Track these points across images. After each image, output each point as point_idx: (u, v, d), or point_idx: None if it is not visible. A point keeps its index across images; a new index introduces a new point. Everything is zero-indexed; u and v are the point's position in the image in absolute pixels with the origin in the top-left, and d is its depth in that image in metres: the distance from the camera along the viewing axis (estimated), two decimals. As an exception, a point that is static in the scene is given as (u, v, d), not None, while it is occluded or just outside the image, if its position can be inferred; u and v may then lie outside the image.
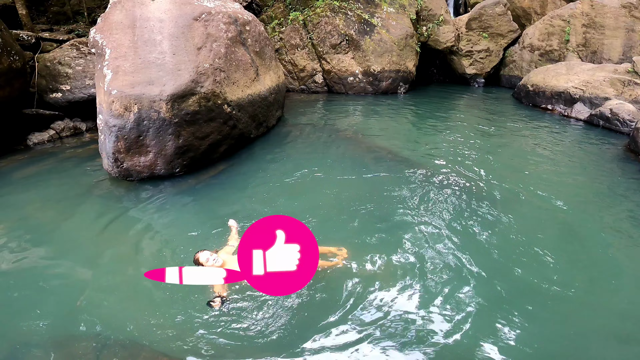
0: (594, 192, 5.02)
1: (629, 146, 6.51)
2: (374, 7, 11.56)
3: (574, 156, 6.28)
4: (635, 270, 3.46)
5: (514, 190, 4.95)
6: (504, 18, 13.04)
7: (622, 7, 10.21)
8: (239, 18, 6.66)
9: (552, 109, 9.40)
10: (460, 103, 10.87)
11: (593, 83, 8.60)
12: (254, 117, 6.67)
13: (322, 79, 11.70)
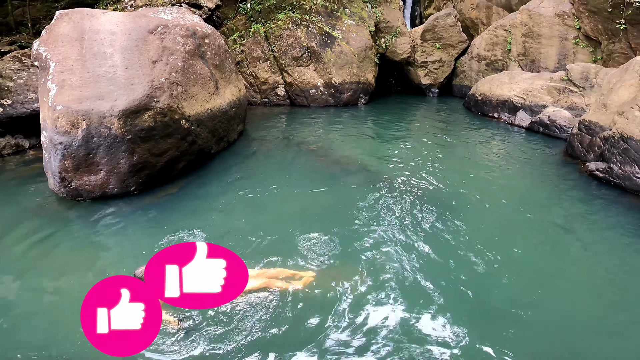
0: (536, 196, 5.35)
1: (567, 151, 7.00)
2: (334, 20, 11.78)
3: (518, 163, 6.68)
4: (575, 271, 3.69)
5: (468, 197, 5.17)
6: (455, 29, 13.75)
7: (556, 16, 10.96)
8: (197, 31, 6.55)
9: (498, 117, 9.96)
10: (417, 113, 11.32)
11: (532, 91, 9.23)
12: (214, 132, 6.51)
13: (284, 92, 11.69)
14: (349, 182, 5.65)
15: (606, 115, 6.10)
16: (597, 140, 6.02)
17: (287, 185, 5.56)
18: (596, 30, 10.12)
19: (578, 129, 6.67)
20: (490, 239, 4.16)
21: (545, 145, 7.68)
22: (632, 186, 5.36)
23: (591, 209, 5.01)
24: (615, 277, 3.64)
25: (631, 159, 5.38)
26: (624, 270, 3.74)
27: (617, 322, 3.08)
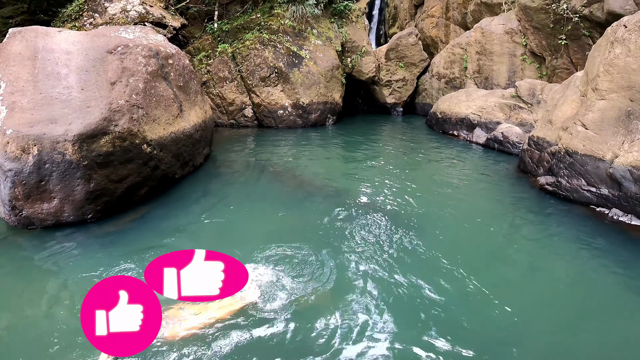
0: (492, 212, 5.62)
1: (519, 166, 7.42)
2: (302, 40, 12.02)
3: (476, 180, 7.02)
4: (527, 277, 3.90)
5: (431, 214, 5.36)
6: (416, 48, 14.44)
7: (506, 34, 11.69)
8: (160, 51, 6.44)
9: (457, 135, 10.42)
10: (383, 133, 11.65)
11: (487, 108, 9.74)
12: (178, 156, 6.37)
13: (252, 113, 11.67)
14: (316, 204, 5.70)
15: (552, 131, 6.58)
16: (546, 156, 6.46)
17: (255, 209, 5.52)
18: (540, 46, 10.90)
19: (528, 144, 7.13)
20: (451, 254, 4.31)
21: (500, 161, 8.14)
22: (580, 198, 5.77)
23: (542, 222, 5.32)
24: (568, 280, 3.90)
25: (577, 173, 5.81)
26: (575, 275, 4.00)
27: (572, 326, 3.27)
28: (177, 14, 11.41)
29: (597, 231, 4.97)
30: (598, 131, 5.60)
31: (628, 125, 5.35)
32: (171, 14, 10.76)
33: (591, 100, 5.77)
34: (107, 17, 9.36)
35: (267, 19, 12.00)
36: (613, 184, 5.39)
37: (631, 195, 5.17)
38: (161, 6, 10.68)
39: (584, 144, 5.72)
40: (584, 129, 5.76)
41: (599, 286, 3.85)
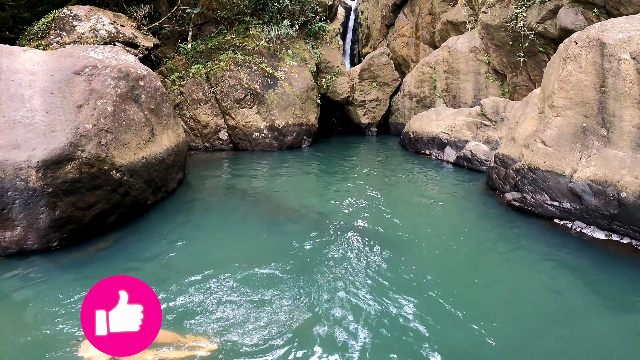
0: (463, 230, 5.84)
1: (487, 183, 7.75)
2: (277, 61, 12.14)
3: (447, 198, 7.28)
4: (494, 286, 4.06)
5: (406, 235, 5.51)
6: (389, 67, 14.95)
7: (470, 52, 12.24)
8: (131, 72, 6.35)
9: (429, 154, 10.77)
10: (358, 154, 11.88)
11: (456, 127, 10.16)
12: (150, 182, 6.25)
13: (227, 136, 11.59)
14: (294, 227, 5.72)
15: (515, 148, 6.96)
16: (511, 172, 6.80)
17: (230, 235, 5.49)
18: (502, 64, 11.53)
19: (494, 162, 7.50)
20: (425, 273, 4.43)
21: (470, 179, 8.50)
22: (544, 212, 6.09)
23: (510, 238, 5.57)
24: (534, 292, 4.09)
25: (540, 188, 6.14)
26: (540, 287, 4.19)
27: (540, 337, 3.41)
28: (150, 33, 11.36)
29: (561, 244, 5.25)
30: (556, 147, 5.99)
31: (584, 141, 5.76)
32: (143, 34, 10.70)
33: (548, 117, 6.17)
34: (75, 36, 9.16)
35: (242, 40, 12.14)
36: (574, 197, 5.73)
37: (592, 208, 5.51)
38: (133, 26, 10.60)
39: (545, 160, 6.09)
40: (543, 146, 6.13)
41: (565, 295, 4.06)
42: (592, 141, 5.68)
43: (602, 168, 5.45)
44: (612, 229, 5.37)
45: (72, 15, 9.34)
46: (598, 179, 5.44)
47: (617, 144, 5.42)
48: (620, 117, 5.37)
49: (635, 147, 5.27)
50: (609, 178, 5.35)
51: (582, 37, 5.93)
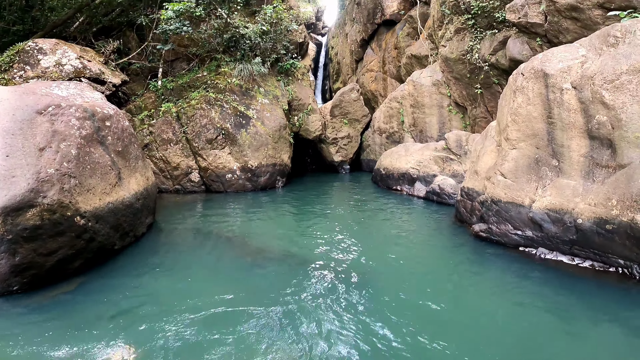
0: (434, 262, 6.13)
1: (456, 216, 8.14)
2: (249, 99, 12.24)
3: (418, 232, 7.57)
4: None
5: (381, 272, 5.66)
6: (358, 103, 15.60)
7: (433, 85, 12.97)
8: (97, 112, 6.27)
9: (400, 190, 11.17)
10: (332, 192, 12.11)
11: (424, 162, 10.68)
12: (117, 227, 6.19)
13: (199, 177, 11.45)
14: (270, 270, 5.75)
15: (479, 181, 7.43)
16: (476, 205, 7.22)
17: (202, 279, 5.45)
18: (462, 96, 12.32)
19: (461, 195, 7.93)
20: (400, 308, 4.58)
21: (440, 212, 8.93)
22: (510, 242, 6.46)
23: (479, 267, 5.87)
24: (504, 318, 4.29)
25: (504, 219, 6.54)
26: (509, 313, 4.41)
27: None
28: (118, 69, 11.38)
29: (527, 271, 5.59)
30: (514, 179, 6.47)
31: (538, 172, 6.27)
32: (111, 70, 10.66)
33: (505, 150, 6.70)
34: (39, 71, 9.06)
35: (213, 77, 12.31)
36: (535, 226, 6.14)
37: (552, 235, 5.93)
38: (100, 61, 10.57)
39: (505, 192, 6.54)
40: (503, 178, 6.61)
41: (533, 318, 4.32)
42: (546, 172, 6.19)
43: (557, 197, 5.92)
44: (573, 253, 5.78)
45: (37, 48, 9.30)
46: (554, 207, 5.90)
47: (569, 173, 5.94)
48: (569, 147, 5.93)
49: (585, 175, 5.80)
50: (564, 206, 5.81)
51: (528, 69, 6.53)
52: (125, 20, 13.07)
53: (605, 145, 5.59)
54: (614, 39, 5.94)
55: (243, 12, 13.91)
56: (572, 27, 8.19)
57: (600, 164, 5.64)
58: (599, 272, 5.42)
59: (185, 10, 11.59)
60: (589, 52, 6.16)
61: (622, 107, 5.36)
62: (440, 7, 12.27)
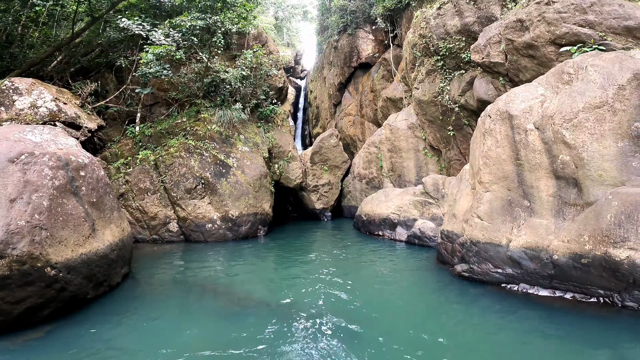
0: (419, 303, 6.26)
1: (438, 258, 8.37)
2: (229, 147, 12.22)
3: (402, 275, 7.71)
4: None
5: (365, 318, 5.67)
6: (338, 149, 15.98)
7: (409, 129, 13.43)
8: (71, 161, 6.28)
9: (382, 235, 11.42)
10: (314, 239, 12.15)
11: (403, 207, 11.02)
12: (90, 277, 6.12)
13: (178, 227, 11.27)
14: (252, 319, 5.67)
15: (457, 224, 7.72)
16: (457, 246, 7.47)
17: (177, 331, 5.32)
18: (436, 139, 12.83)
19: (441, 238, 8.20)
20: (389, 354, 4.59)
21: (422, 255, 9.14)
22: (492, 279, 6.67)
23: (464, 306, 6.02)
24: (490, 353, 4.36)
25: (484, 258, 6.78)
26: (496, 349, 4.49)
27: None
28: (94, 113, 11.30)
29: (510, 306, 5.80)
30: (490, 221, 6.79)
31: (512, 213, 6.62)
32: (87, 113, 10.61)
33: (479, 193, 7.07)
34: (13, 112, 8.96)
35: (193, 123, 12.30)
36: (514, 264, 6.41)
37: (531, 271, 6.20)
38: (76, 104, 10.50)
39: (483, 233, 6.84)
40: (480, 220, 6.93)
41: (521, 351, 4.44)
42: (519, 212, 6.55)
43: (532, 236, 6.24)
44: (554, 287, 6.03)
45: (13, 88, 9.27)
46: (530, 245, 6.20)
47: (540, 213, 6.31)
48: (538, 188, 6.34)
49: (555, 214, 6.17)
50: (539, 244, 6.11)
51: (494, 111, 7.03)
52: (104, 62, 13.25)
53: (571, 184, 6.03)
54: (567, 76, 6.51)
55: (224, 57, 14.25)
56: (530, 65, 8.51)
57: (568, 202, 6.04)
58: (581, 302, 5.68)
59: (166, 54, 11.64)
60: (547, 91, 6.73)
61: (583, 146, 5.84)
62: (412, 50, 13.06)
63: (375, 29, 18.51)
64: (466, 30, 11.05)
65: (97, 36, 13.12)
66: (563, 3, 7.50)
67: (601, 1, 7.12)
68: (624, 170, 5.61)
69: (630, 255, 5.13)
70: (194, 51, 13.20)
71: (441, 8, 11.65)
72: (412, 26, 13.35)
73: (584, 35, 7.27)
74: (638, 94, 5.67)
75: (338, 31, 20.42)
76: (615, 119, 5.71)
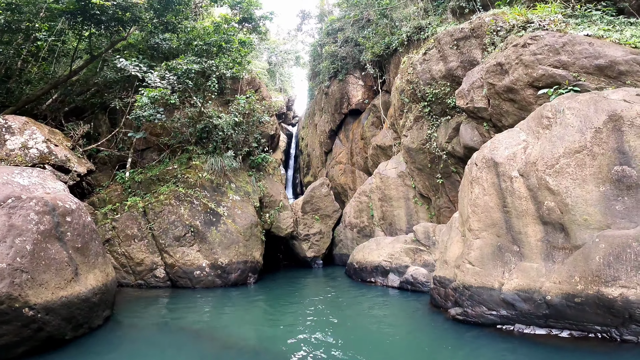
0: (416, 348, 6.19)
1: (432, 302, 8.33)
2: (220, 195, 12.19)
3: (397, 321, 7.63)
4: None
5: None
6: (329, 198, 16.07)
7: (398, 177, 13.47)
8: (58, 206, 6.39)
9: (375, 282, 11.40)
10: (306, 286, 12.01)
11: (395, 254, 11.11)
12: (70, 319, 6.13)
13: (164, 273, 11.11)
14: None
15: (449, 270, 7.75)
16: (450, 291, 7.46)
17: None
18: (425, 187, 12.90)
19: (434, 283, 8.19)
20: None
21: (416, 300, 9.08)
22: (487, 322, 6.66)
23: (461, 349, 5.95)
24: None
25: (477, 302, 6.82)
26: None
27: None
28: (85, 157, 11.37)
29: (508, 346, 5.77)
30: (482, 266, 6.88)
31: (502, 258, 6.72)
32: (78, 157, 10.68)
33: (469, 240, 7.19)
34: (4, 153, 9.05)
35: (184, 170, 12.38)
36: (508, 305, 6.45)
37: (526, 312, 6.26)
38: (67, 146, 10.56)
39: (475, 278, 6.89)
40: (471, 266, 7.02)
41: None
42: (509, 257, 6.67)
43: (524, 279, 6.34)
44: (549, 326, 6.05)
45: (6, 126, 9.38)
46: (523, 288, 6.29)
47: (530, 257, 6.43)
48: (526, 234, 6.51)
49: (545, 258, 6.31)
50: (531, 286, 6.21)
51: (480, 158, 7.24)
52: (98, 102, 13.50)
53: (558, 229, 6.21)
54: (547, 120, 6.80)
55: (217, 102, 14.57)
56: (511, 110, 8.55)
57: (556, 246, 6.20)
58: (579, 339, 5.67)
59: (161, 97, 11.73)
60: (529, 136, 7.02)
61: (566, 191, 6.08)
62: (400, 96, 13.46)
63: (364, 74, 19.00)
64: (450, 75, 11.17)
65: (94, 75, 13.52)
66: (538, 44, 7.75)
67: (572, 41, 7.41)
68: (608, 214, 5.81)
69: (623, 293, 5.29)
70: (188, 95, 13.45)
71: (427, 53, 11.98)
72: (399, 72, 13.80)
73: (559, 76, 7.45)
74: (615, 136, 5.91)
75: (329, 77, 20.77)
76: (595, 164, 5.97)
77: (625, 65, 6.90)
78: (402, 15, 16.14)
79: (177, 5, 13.68)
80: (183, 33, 14.43)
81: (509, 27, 9.35)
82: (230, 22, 14.80)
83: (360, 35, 18.57)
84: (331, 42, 20.85)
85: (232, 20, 15.06)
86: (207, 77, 13.40)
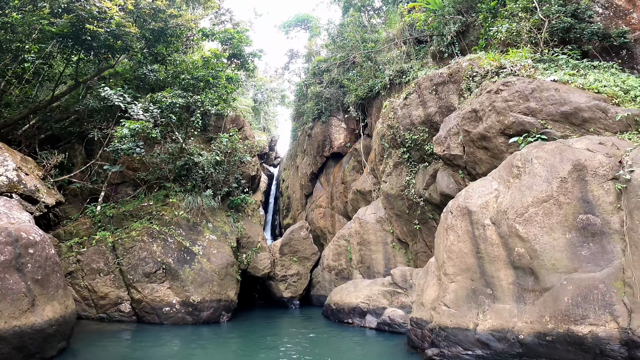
0: None
1: (409, 343, 8.28)
2: (196, 234, 11.92)
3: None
4: None
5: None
6: (307, 241, 16.04)
7: (377, 222, 13.62)
8: (21, 238, 6.46)
9: (352, 323, 11.32)
10: (281, 326, 11.78)
11: (372, 297, 11.14)
12: (21, 348, 6.06)
13: (130, 308, 10.73)
14: None
15: (426, 312, 7.80)
16: (426, 332, 7.51)
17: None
18: (403, 232, 13.08)
19: (410, 325, 8.20)
20: None
21: (393, 341, 9.01)
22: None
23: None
24: None
25: (453, 342, 6.90)
26: None
27: None
28: (55, 187, 11.07)
29: None
30: (457, 308, 7.01)
31: (477, 300, 6.89)
32: (47, 187, 10.40)
33: (445, 284, 7.33)
34: None
35: (160, 207, 12.13)
36: (483, 345, 6.56)
37: (500, 351, 6.40)
38: (39, 175, 10.34)
39: (450, 319, 6.99)
40: (447, 308, 7.14)
41: None
42: (483, 299, 6.84)
43: (497, 320, 6.50)
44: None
45: None
46: (497, 328, 6.44)
47: (502, 299, 6.62)
48: (498, 278, 6.73)
49: (516, 300, 6.52)
50: (505, 326, 6.37)
51: (455, 207, 7.51)
52: (77, 131, 13.16)
53: (528, 273, 6.47)
54: (517, 169, 7.10)
55: (199, 139, 14.48)
56: (485, 157, 8.71)
57: (527, 289, 6.44)
58: None
59: (142, 130, 11.42)
60: (500, 185, 7.34)
61: (535, 238, 6.38)
62: (381, 141, 13.78)
63: (347, 117, 19.20)
64: (429, 121, 11.27)
65: (75, 102, 13.22)
66: (509, 91, 8.06)
67: (540, 87, 7.76)
68: (574, 258, 6.09)
69: (593, 330, 5.52)
70: (171, 130, 13.26)
71: (407, 98, 12.07)
72: (381, 116, 14.13)
73: (528, 124, 7.66)
74: (579, 185, 6.24)
75: (313, 118, 20.84)
76: (562, 212, 6.28)
77: (589, 112, 7.21)
78: (385, 58, 16.79)
79: (169, 37, 13.83)
80: (172, 65, 14.52)
81: (484, 72, 9.49)
82: (220, 57, 14.94)
83: (346, 77, 18.96)
84: (317, 82, 21.13)
85: (221, 55, 15.14)
86: (191, 113, 13.36)
